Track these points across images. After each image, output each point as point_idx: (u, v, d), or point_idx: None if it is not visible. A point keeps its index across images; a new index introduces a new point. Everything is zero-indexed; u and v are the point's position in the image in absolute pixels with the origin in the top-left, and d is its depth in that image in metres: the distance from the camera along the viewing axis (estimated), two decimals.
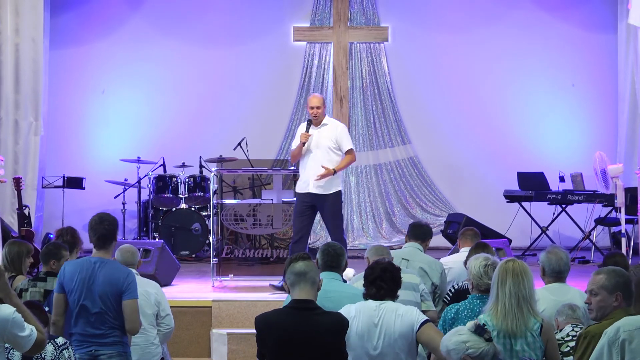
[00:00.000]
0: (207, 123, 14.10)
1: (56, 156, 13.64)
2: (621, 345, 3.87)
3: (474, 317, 5.94)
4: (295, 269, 5.22)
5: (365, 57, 14.36)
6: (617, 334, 3.91)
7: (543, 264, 6.35)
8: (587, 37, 14.35)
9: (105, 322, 6.18)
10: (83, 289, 6.18)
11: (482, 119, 14.26)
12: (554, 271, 6.30)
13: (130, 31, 14.18)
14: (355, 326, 5.47)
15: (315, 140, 9.45)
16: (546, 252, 6.44)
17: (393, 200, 14.36)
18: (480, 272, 6.01)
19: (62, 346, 5.45)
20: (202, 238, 12.40)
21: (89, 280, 6.18)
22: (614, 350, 3.88)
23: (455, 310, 6.05)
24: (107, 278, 6.20)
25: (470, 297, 6.12)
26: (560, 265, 6.31)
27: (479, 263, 6.03)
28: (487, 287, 5.97)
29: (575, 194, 12.62)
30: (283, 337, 5.10)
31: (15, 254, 7.43)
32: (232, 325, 8.88)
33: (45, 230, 13.06)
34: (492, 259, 6.06)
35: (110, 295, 6.17)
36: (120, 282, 6.22)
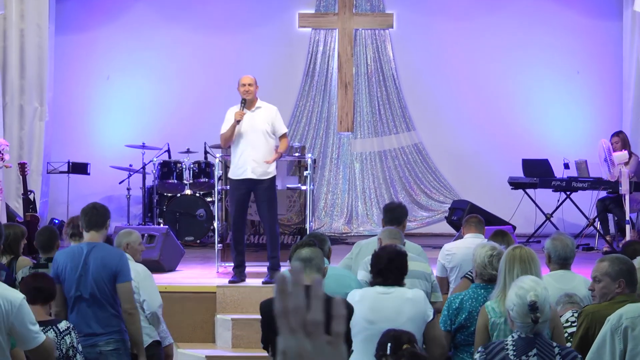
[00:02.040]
0: (212, 109, 14.05)
1: (61, 142, 13.65)
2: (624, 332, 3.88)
3: (478, 307, 5.96)
4: (301, 255, 5.25)
5: (370, 44, 14.34)
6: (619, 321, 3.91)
7: (549, 250, 6.36)
8: (592, 24, 14.33)
9: (101, 309, 6.19)
10: (76, 276, 6.19)
11: (487, 105, 14.25)
12: (559, 258, 6.32)
13: (135, 17, 14.17)
14: (361, 311, 5.49)
15: (250, 123, 9.12)
16: (552, 238, 6.44)
17: (397, 187, 14.37)
18: (485, 262, 6.02)
19: (64, 332, 5.44)
20: (206, 224, 12.42)
21: (82, 267, 6.19)
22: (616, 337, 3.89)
23: (460, 299, 6.07)
24: (100, 261, 6.22)
25: (474, 287, 6.14)
26: (566, 252, 6.32)
27: (485, 253, 6.04)
28: (490, 277, 5.99)
29: (580, 181, 12.60)
30: None
31: (12, 237, 7.44)
32: (236, 311, 8.90)
33: (50, 215, 13.09)
34: (498, 249, 6.07)
35: (105, 279, 6.19)
36: (113, 265, 6.23)
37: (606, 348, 3.92)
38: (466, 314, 5.98)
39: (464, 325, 5.93)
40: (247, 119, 9.16)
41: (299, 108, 14.28)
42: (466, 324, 5.97)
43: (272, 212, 9.19)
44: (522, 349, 4.71)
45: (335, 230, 13.95)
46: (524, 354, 4.69)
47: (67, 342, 5.41)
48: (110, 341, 6.19)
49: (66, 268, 6.22)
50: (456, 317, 5.95)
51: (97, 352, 6.15)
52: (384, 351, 4.89)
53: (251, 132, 9.13)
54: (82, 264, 6.20)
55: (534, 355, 4.69)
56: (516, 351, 4.71)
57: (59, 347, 5.37)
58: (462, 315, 5.97)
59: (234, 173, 9.18)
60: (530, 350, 4.70)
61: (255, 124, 9.15)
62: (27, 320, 4.42)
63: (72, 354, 5.41)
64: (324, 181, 14.22)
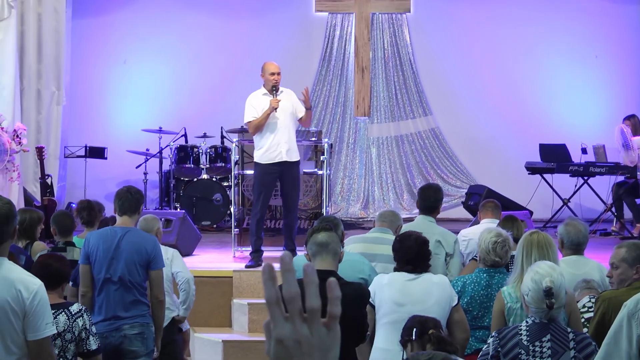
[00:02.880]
0: (229, 94, 14.07)
1: (78, 126, 13.68)
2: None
3: (481, 291, 5.97)
4: (318, 239, 5.24)
5: (387, 28, 14.30)
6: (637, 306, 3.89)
7: (562, 236, 6.35)
8: (611, 8, 14.25)
9: (129, 293, 6.22)
10: (107, 259, 6.22)
11: (504, 90, 14.20)
12: (572, 243, 6.30)
13: (152, 1, 14.17)
14: (390, 294, 5.52)
15: (280, 108, 9.28)
16: (565, 224, 6.43)
17: (414, 172, 14.35)
18: (489, 248, 6.04)
19: (77, 314, 5.43)
20: (223, 208, 12.43)
21: (114, 250, 6.23)
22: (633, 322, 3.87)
23: (462, 283, 6.09)
24: (134, 246, 6.25)
25: (477, 271, 6.15)
26: (579, 238, 6.31)
27: (490, 238, 6.06)
28: (493, 263, 6.02)
29: (598, 165, 12.55)
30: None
31: (29, 222, 7.46)
32: (252, 296, 8.91)
33: (68, 199, 13.12)
34: (503, 236, 6.07)
35: (138, 264, 6.23)
36: (148, 252, 6.28)
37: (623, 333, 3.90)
38: (468, 298, 6.00)
39: (466, 310, 5.94)
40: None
41: (315, 92, 14.26)
42: (468, 308, 5.99)
43: (297, 197, 9.43)
44: (536, 334, 4.70)
45: (352, 215, 13.94)
46: (538, 339, 4.68)
47: (80, 324, 5.40)
48: (135, 325, 6.22)
49: (98, 249, 6.24)
50: (458, 300, 5.96)
51: (121, 336, 6.19)
52: (409, 336, 4.89)
53: (282, 115, 9.28)
54: (115, 247, 6.23)
55: (547, 341, 4.68)
56: (530, 336, 4.70)
57: (71, 329, 5.37)
58: (464, 298, 6.00)
59: (265, 157, 9.26)
60: (544, 336, 4.69)
61: (283, 108, 9.30)
62: (41, 310, 4.41)
63: (84, 335, 5.41)
64: (340, 166, 14.21)
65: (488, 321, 5.90)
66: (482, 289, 6.01)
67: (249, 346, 8.50)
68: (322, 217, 6.76)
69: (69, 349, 5.36)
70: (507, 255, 6.11)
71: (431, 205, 7.57)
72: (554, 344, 4.66)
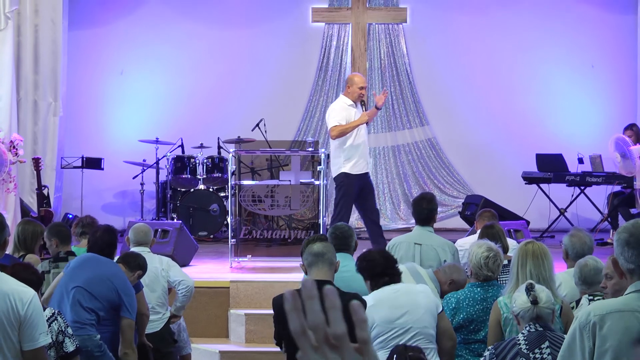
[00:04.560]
0: (225, 104, 14.10)
1: (75, 137, 13.68)
2: (592, 328, 3.85)
3: (476, 305, 5.96)
4: (313, 249, 5.24)
5: (384, 38, 14.32)
6: (587, 318, 3.88)
7: (567, 247, 6.33)
8: (607, 17, 14.27)
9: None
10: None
11: (501, 100, 14.22)
12: (577, 255, 6.27)
13: (149, 12, 14.18)
14: (379, 314, 5.47)
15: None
16: (570, 235, 6.40)
17: (411, 182, 14.35)
18: (481, 263, 6.03)
19: (50, 318, 5.39)
20: (220, 219, 12.42)
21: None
22: (585, 335, 3.86)
23: (455, 299, 6.06)
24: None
25: (470, 285, 6.13)
26: (584, 250, 6.29)
27: (481, 253, 6.04)
28: (485, 277, 6.00)
29: (594, 175, 12.57)
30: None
31: (30, 233, 7.45)
32: (249, 306, 8.91)
33: (64, 210, 13.11)
34: (494, 251, 6.05)
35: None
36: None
37: (576, 346, 3.89)
38: (464, 314, 5.95)
39: (462, 325, 5.93)
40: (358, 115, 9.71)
41: (312, 102, 14.27)
42: (464, 323, 5.97)
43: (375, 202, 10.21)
44: (534, 342, 4.71)
45: (349, 225, 13.91)
46: (537, 346, 4.69)
47: (55, 328, 5.37)
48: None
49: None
50: (454, 317, 5.95)
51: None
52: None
53: (363, 129, 9.76)
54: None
55: (547, 347, 4.69)
56: (529, 345, 4.71)
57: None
58: (459, 315, 5.97)
59: (355, 168, 9.72)
60: (542, 343, 4.70)
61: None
62: (36, 319, 4.40)
63: (61, 338, 5.38)
64: None
65: (484, 334, 5.89)
66: (477, 304, 5.99)
67: (246, 357, 8.49)
68: (334, 226, 6.69)
69: (50, 356, 5.31)
70: (499, 269, 6.09)
71: (426, 216, 7.56)
72: (553, 350, 4.67)
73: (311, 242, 5.33)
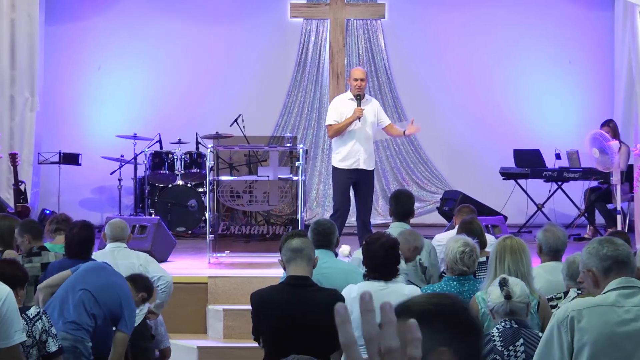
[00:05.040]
0: (204, 100, 14.08)
1: (52, 132, 13.61)
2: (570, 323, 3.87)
3: None
4: (292, 245, 5.23)
5: (362, 34, 14.32)
6: (565, 313, 3.91)
7: (540, 242, 6.36)
8: (584, 14, 14.33)
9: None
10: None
11: (479, 96, 14.25)
12: (551, 249, 6.32)
13: (127, 7, 14.13)
14: (357, 308, 5.43)
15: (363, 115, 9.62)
16: (543, 230, 6.45)
17: (389, 178, 14.37)
18: (456, 258, 6.03)
19: (35, 317, 5.37)
20: (198, 214, 12.40)
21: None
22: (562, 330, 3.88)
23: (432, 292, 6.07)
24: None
25: (446, 279, 6.14)
26: (557, 244, 6.33)
27: (457, 248, 6.04)
28: (461, 272, 6.01)
29: (571, 171, 12.62)
30: (279, 314, 5.11)
31: (6, 228, 7.42)
32: (228, 302, 8.89)
33: (42, 206, 13.06)
34: (470, 246, 6.06)
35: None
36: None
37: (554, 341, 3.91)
38: None
39: None
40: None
41: (290, 98, 14.26)
42: None
43: (371, 204, 9.98)
44: (509, 339, 4.73)
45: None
46: (512, 343, 4.71)
47: (39, 327, 5.34)
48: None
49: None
50: None
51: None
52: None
53: (363, 123, 9.64)
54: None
55: (521, 345, 4.70)
56: (503, 342, 4.72)
57: (32, 334, 5.31)
58: None
59: (344, 163, 9.69)
60: (517, 340, 4.72)
61: (365, 117, 9.66)
62: (10, 316, 4.37)
63: (44, 338, 5.36)
64: (315, 172, 14.22)
65: None
66: None
67: (224, 352, 8.47)
68: (316, 222, 6.63)
69: (31, 354, 5.29)
70: (474, 264, 6.10)
71: (407, 211, 7.58)
72: (527, 347, 4.68)
73: (289, 237, 5.32)
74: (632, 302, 3.90)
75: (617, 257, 3.98)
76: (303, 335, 5.09)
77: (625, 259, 3.99)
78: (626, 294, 3.90)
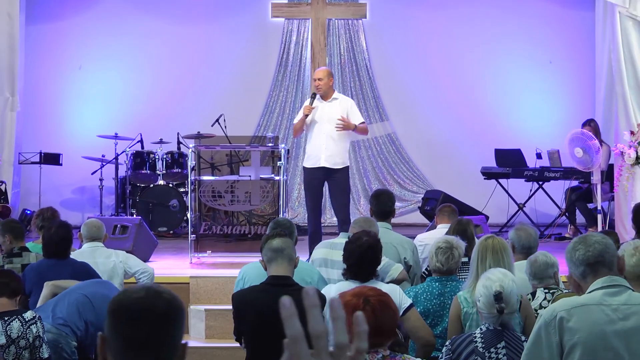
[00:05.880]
0: (185, 99, 14.06)
1: (33, 132, 13.56)
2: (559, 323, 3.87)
3: (433, 299, 5.96)
4: (272, 245, 5.23)
5: (344, 34, 14.34)
6: (553, 314, 3.91)
7: (513, 241, 6.41)
8: (565, 13, 14.38)
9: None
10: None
11: (460, 96, 14.28)
12: (524, 247, 6.38)
13: (107, 7, 14.10)
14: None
15: (327, 114, 9.47)
16: (515, 229, 6.52)
17: (371, 177, 14.38)
18: (432, 253, 6.06)
19: (30, 321, 5.40)
20: (179, 214, 12.38)
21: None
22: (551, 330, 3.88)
23: (414, 293, 6.06)
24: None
25: (428, 280, 6.15)
26: (530, 242, 6.41)
27: (435, 245, 6.09)
28: (434, 269, 6.04)
29: (552, 170, 12.67)
30: (260, 314, 5.11)
31: None
32: (209, 302, 8.88)
33: (22, 206, 13.01)
34: (448, 244, 6.05)
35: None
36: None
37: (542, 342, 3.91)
38: (421, 308, 5.94)
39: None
40: (325, 110, 9.51)
41: (272, 98, 14.26)
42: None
43: (344, 203, 9.58)
44: (491, 341, 4.73)
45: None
46: (493, 346, 4.72)
47: (34, 331, 5.37)
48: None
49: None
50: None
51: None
52: None
53: (327, 122, 9.46)
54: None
55: (502, 348, 4.71)
56: (484, 343, 4.73)
57: (25, 336, 5.32)
58: (417, 308, 5.96)
59: (309, 162, 9.62)
60: (499, 343, 4.73)
61: (331, 115, 9.47)
62: None
63: (38, 344, 5.37)
64: (297, 172, 14.21)
65: (441, 329, 5.90)
66: (434, 298, 6.00)
67: (206, 352, 8.46)
68: (275, 221, 6.64)
69: (23, 356, 5.31)
70: (453, 263, 6.07)
71: (388, 210, 7.58)
72: (509, 350, 4.69)
73: (270, 238, 5.32)
74: (618, 300, 3.90)
75: (588, 260, 3.96)
76: (284, 335, 5.09)
77: (598, 258, 3.96)
78: (611, 293, 3.91)
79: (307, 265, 6.43)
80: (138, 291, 2.41)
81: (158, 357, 2.36)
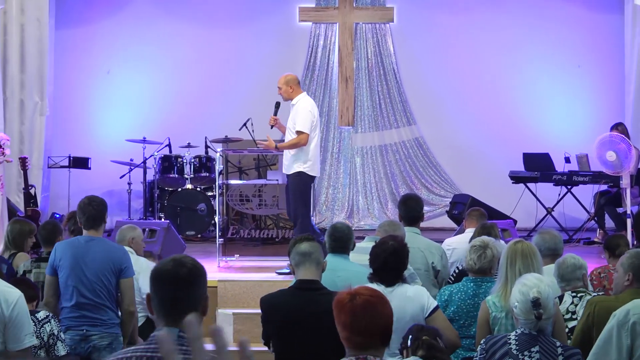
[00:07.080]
0: (213, 103, 14.09)
1: (62, 136, 13.64)
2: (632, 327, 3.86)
3: (467, 300, 5.95)
4: (300, 249, 5.23)
5: (371, 38, 14.32)
6: (627, 317, 3.89)
7: (538, 245, 6.37)
8: (594, 17, 14.31)
9: (98, 303, 6.15)
10: (75, 267, 6.15)
11: (488, 99, 14.23)
12: (549, 249, 6.37)
13: (135, 11, 14.16)
14: None
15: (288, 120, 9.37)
16: (539, 233, 6.52)
17: (398, 181, 14.36)
18: (467, 251, 6.07)
19: (44, 320, 5.42)
20: (207, 218, 12.41)
21: (81, 258, 6.17)
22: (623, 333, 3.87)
23: (449, 292, 6.06)
24: (103, 254, 6.20)
25: (465, 280, 6.13)
26: (555, 243, 6.41)
27: (470, 244, 6.09)
28: (473, 270, 6.01)
29: (581, 174, 12.60)
30: (288, 318, 5.11)
31: (17, 232, 7.46)
32: (237, 306, 8.89)
33: (52, 210, 13.08)
34: (483, 243, 6.04)
35: (108, 273, 6.17)
36: (117, 260, 6.22)
37: (612, 343, 3.90)
38: (455, 307, 5.95)
39: (452, 319, 5.91)
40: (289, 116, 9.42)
41: None
42: (454, 317, 5.95)
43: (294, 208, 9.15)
44: (525, 344, 4.71)
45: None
46: (527, 349, 4.70)
47: (47, 330, 5.39)
48: (105, 336, 6.14)
49: (64, 258, 6.18)
50: (445, 309, 5.95)
51: (90, 346, 6.09)
52: (405, 344, 4.85)
53: (287, 131, 9.35)
54: (82, 255, 6.17)
55: (536, 352, 4.69)
56: (519, 346, 4.71)
57: (40, 336, 5.34)
58: (451, 307, 5.97)
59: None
60: (533, 346, 4.70)
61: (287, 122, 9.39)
62: (21, 320, 4.40)
63: (52, 342, 5.39)
64: (325, 175, 14.21)
65: (475, 330, 5.88)
66: (469, 298, 5.99)
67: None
68: (332, 226, 6.50)
69: (39, 356, 5.33)
70: (487, 262, 6.04)
71: (416, 215, 7.55)
72: (542, 355, 4.67)
73: (298, 242, 5.32)
74: None
75: None
76: (312, 339, 5.09)
77: None
78: None
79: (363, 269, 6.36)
80: (168, 262, 3.30)
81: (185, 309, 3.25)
